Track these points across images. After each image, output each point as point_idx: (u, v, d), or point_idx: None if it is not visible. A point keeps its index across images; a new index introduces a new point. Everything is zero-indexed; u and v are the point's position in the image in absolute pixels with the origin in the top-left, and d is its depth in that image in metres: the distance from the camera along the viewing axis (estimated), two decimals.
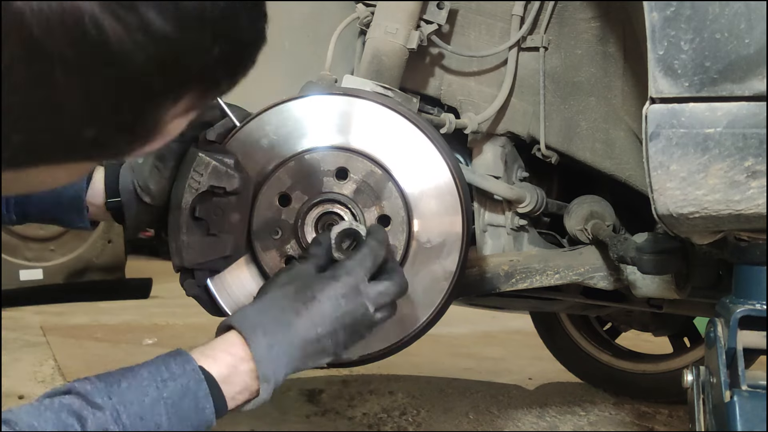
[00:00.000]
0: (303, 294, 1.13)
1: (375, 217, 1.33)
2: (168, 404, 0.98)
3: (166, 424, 0.98)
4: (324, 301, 1.12)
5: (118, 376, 0.98)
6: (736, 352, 1.16)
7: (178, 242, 1.30)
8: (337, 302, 1.13)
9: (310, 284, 1.15)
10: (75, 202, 1.38)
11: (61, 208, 1.38)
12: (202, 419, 1.03)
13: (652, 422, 2.86)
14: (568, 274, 1.80)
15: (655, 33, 1.03)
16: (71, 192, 1.37)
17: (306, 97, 1.34)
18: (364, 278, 1.17)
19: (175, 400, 0.99)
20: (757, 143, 1.01)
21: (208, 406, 1.02)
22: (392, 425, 2.68)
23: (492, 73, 1.81)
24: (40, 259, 5.48)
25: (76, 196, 1.37)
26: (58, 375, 3.21)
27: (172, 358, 1.03)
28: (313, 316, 1.12)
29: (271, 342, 1.09)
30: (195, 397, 1.00)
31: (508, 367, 3.79)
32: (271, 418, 2.70)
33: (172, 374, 1.00)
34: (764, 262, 1.21)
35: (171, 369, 1.01)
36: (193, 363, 1.03)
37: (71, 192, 1.37)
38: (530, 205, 1.85)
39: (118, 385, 0.96)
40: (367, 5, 1.66)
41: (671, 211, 1.07)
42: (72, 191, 1.37)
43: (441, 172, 1.34)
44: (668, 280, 1.62)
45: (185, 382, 1.00)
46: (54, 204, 1.37)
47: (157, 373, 1.00)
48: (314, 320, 1.12)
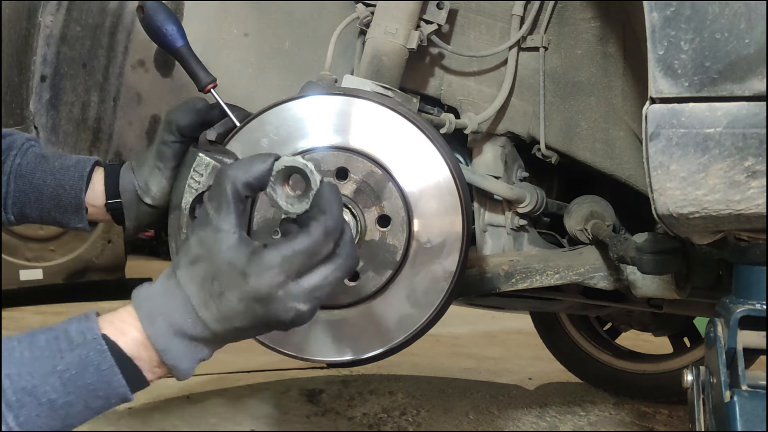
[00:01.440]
0: (210, 285, 0.94)
1: (375, 217, 1.33)
2: (65, 377, 0.88)
3: (62, 399, 0.88)
4: (235, 302, 0.94)
5: (15, 341, 0.89)
6: (736, 352, 1.17)
7: (178, 242, 1.30)
8: (250, 306, 0.95)
9: (218, 273, 0.94)
10: (74, 203, 1.37)
11: (60, 209, 1.37)
12: (113, 393, 0.92)
13: (652, 422, 2.87)
14: (568, 274, 1.80)
15: (655, 33, 1.03)
16: (70, 193, 1.36)
17: (306, 97, 1.34)
18: (294, 275, 0.95)
19: (73, 374, 0.89)
20: (757, 143, 1.01)
21: (117, 379, 0.92)
22: (392, 425, 2.68)
23: (492, 73, 1.81)
24: (40, 259, 5.48)
25: (75, 196, 1.37)
26: None
27: (74, 325, 0.92)
28: (223, 313, 0.95)
29: (175, 333, 0.95)
30: (98, 369, 0.90)
31: (508, 367, 3.79)
32: (271, 418, 2.70)
33: (70, 343, 0.90)
34: (764, 262, 1.21)
35: (70, 337, 0.90)
36: (95, 331, 0.92)
37: (70, 193, 1.36)
38: (530, 205, 1.85)
39: (9, 353, 0.87)
40: (367, 5, 1.66)
41: (671, 211, 1.07)
42: (71, 192, 1.36)
43: (441, 171, 1.34)
44: (668, 280, 1.62)
45: (85, 353, 0.90)
46: (53, 205, 1.37)
47: (54, 341, 0.90)
48: (224, 316, 0.95)
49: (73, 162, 1.38)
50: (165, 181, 1.35)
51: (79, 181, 1.37)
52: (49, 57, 1.63)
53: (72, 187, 1.36)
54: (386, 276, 1.33)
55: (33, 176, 1.35)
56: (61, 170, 1.36)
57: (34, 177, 1.35)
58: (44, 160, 1.37)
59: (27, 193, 1.36)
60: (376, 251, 1.33)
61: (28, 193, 1.36)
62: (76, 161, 1.39)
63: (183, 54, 1.34)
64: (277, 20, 1.84)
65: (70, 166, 1.37)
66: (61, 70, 1.65)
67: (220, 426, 2.57)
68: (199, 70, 1.34)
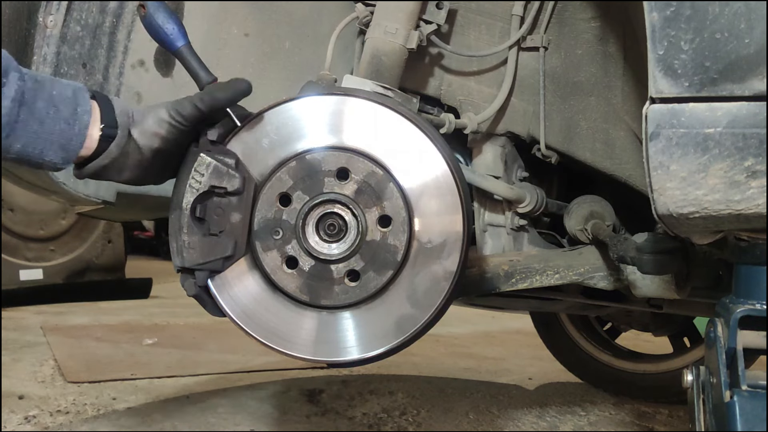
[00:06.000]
0: None
1: (376, 217, 1.33)
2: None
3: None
4: None
5: None
6: (736, 352, 1.17)
7: (179, 242, 1.30)
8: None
9: None
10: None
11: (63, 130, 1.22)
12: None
13: (652, 422, 2.87)
14: (568, 274, 1.80)
15: (655, 33, 1.03)
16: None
17: (306, 97, 1.34)
18: None
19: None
20: (757, 143, 1.01)
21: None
22: (392, 425, 2.68)
23: (492, 73, 1.81)
24: (40, 259, 5.48)
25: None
26: (58, 375, 3.21)
27: None
28: None
29: None
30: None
31: (508, 367, 3.79)
32: (271, 418, 2.70)
33: None
34: (764, 262, 1.21)
35: None
36: None
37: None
38: (530, 205, 1.85)
39: None
40: (366, 5, 1.66)
41: (671, 211, 1.07)
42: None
43: (441, 171, 1.34)
44: (668, 280, 1.62)
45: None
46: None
47: None
48: None
49: None
50: (171, 141, 1.28)
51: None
52: (49, 57, 1.63)
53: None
54: (387, 276, 1.33)
55: None
56: None
57: None
58: None
59: None
60: (377, 251, 1.33)
61: None
62: None
63: (184, 53, 1.34)
64: (277, 20, 1.84)
65: None
66: (61, 70, 1.65)
67: (220, 426, 2.57)
68: (200, 70, 1.34)
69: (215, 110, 1.29)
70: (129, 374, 3.22)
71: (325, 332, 1.35)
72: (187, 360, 3.57)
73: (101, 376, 3.18)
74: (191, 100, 1.28)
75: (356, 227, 1.33)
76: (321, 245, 1.34)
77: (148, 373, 3.24)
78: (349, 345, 1.35)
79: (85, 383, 3.08)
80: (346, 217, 1.33)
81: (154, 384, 3.09)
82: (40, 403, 2.79)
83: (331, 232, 1.34)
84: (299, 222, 1.32)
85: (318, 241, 1.34)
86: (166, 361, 3.51)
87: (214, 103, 1.28)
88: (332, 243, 1.34)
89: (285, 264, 1.33)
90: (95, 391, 2.98)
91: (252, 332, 1.34)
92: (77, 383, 3.07)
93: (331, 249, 1.34)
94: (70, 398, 2.86)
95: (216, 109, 1.29)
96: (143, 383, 3.10)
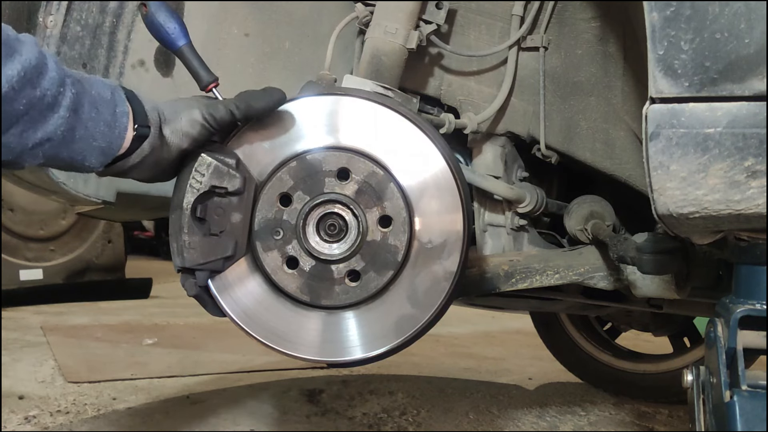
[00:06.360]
0: None
1: (377, 217, 1.33)
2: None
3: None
4: None
5: None
6: (736, 352, 1.17)
7: (180, 242, 1.29)
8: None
9: None
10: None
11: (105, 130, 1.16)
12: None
13: (652, 422, 2.87)
14: (568, 274, 1.80)
15: (655, 33, 1.04)
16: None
17: (306, 97, 1.34)
18: None
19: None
20: (757, 143, 1.01)
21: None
22: (392, 425, 2.68)
23: (492, 73, 1.81)
24: (40, 259, 5.48)
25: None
26: (58, 375, 3.21)
27: None
28: None
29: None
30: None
31: (508, 367, 3.79)
32: (271, 418, 2.70)
33: None
34: (764, 262, 1.21)
35: None
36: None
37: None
38: (530, 205, 1.85)
39: None
40: (366, 5, 1.66)
41: (671, 211, 1.07)
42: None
43: (441, 171, 1.34)
44: (668, 280, 1.62)
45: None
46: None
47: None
48: None
49: None
50: (201, 141, 1.27)
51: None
52: None
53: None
54: (387, 276, 1.33)
55: None
56: None
57: None
58: None
59: None
60: (377, 252, 1.33)
61: None
62: None
63: (185, 52, 1.34)
64: (277, 20, 1.84)
65: None
66: None
67: (220, 426, 2.57)
68: (201, 69, 1.34)
69: (248, 118, 1.29)
70: (129, 374, 3.22)
71: (325, 332, 1.35)
72: (187, 360, 3.57)
73: (101, 376, 3.18)
74: (226, 105, 1.27)
75: (357, 227, 1.33)
76: (321, 245, 1.34)
77: (148, 373, 3.24)
78: (349, 345, 1.35)
79: (85, 383, 3.07)
80: (346, 218, 1.33)
81: (154, 384, 3.09)
82: (40, 403, 2.79)
83: (332, 232, 1.34)
84: (300, 222, 1.32)
85: (318, 241, 1.34)
86: (166, 361, 3.51)
87: (249, 111, 1.27)
88: (333, 243, 1.34)
89: (285, 264, 1.33)
90: (95, 391, 2.98)
91: (252, 332, 1.34)
92: (77, 383, 3.07)
93: (332, 249, 1.34)
94: (70, 398, 2.86)
95: (249, 117, 1.29)
96: (143, 383, 3.10)
